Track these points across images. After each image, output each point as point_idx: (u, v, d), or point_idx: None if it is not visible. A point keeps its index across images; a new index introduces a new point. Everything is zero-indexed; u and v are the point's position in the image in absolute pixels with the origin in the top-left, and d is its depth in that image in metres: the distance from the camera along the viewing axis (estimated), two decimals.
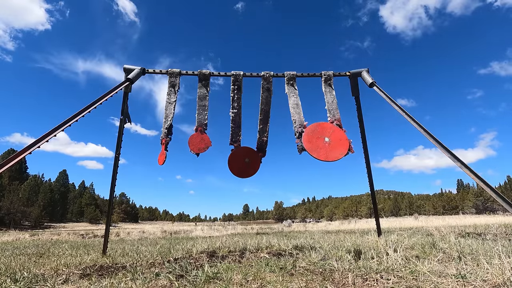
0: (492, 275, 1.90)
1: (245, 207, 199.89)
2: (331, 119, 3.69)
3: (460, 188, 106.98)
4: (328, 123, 3.64)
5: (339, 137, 3.48)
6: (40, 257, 4.57)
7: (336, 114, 3.72)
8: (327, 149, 3.42)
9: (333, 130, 3.53)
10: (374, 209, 4.40)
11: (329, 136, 3.48)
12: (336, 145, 3.44)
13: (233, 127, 3.78)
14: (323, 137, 3.47)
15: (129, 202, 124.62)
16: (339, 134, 3.51)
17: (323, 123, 3.62)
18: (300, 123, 3.65)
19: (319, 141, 3.45)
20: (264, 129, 3.81)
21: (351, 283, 1.98)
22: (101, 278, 2.39)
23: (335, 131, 3.53)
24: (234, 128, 3.78)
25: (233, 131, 3.78)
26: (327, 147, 3.43)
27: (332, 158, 3.38)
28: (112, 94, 3.37)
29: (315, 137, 3.47)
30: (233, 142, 3.76)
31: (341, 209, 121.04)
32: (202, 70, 3.94)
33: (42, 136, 2.66)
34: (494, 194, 2.53)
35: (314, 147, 3.43)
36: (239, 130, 3.79)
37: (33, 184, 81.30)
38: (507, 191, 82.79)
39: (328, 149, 3.42)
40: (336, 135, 3.49)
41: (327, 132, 3.51)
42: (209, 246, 4.82)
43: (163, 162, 3.63)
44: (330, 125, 3.59)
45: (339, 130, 3.56)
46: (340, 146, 3.44)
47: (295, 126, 3.64)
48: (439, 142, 2.96)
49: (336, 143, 3.46)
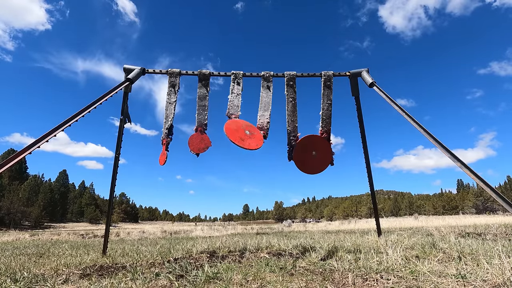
0: (492, 275, 1.90)
1: (245, 207, 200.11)
2: (322, 130, 3.81)
3: (460, 188, 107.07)
4: (318, 136, 3.79)
5: (325, 151, 3.76)
6: (40, 257, 4.57)
7: (327, 125, 3.82)
8: (313, 162, 3.74)
9: (321, 144, 3.76)
10: (374, 209, 4.40)
11: (316, 150, 3.74)
12: (321, 159, 3.78)
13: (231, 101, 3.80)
14: (311, 151, 3.74)
15: (129, 202, 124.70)
16: (326, 147, 3.76)
17: (313, 136, 3.77)
18: (293, 135, 3.74)
19: (307, 155, 3.74)
20: (265, 115, 3.80)
21: (351, 283, 1.98)
22: (101, 278, 2.39)
23: (323, 145, 3.77)
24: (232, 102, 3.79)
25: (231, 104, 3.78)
26: (313, 160, 3.74)
27: (315, 172, 3.75)
28: (112, 94, 3.37)
29: (304, 151, 3.73)
30: (231, 114, 3.74)
31: (341, 209, 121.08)
32: (202, 70, 3.94)
33: (42, 136, 2.66)
34: (494, 194, 2.53)
35: (301, 162, 3.71)
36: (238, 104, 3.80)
37: (33, 184, 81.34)
38: (507, 191, 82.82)
39: (313, 162, 3.74)
40: (323, 149, 3.76)
41: (315, 145, 3.76)
42: (209, 246, 4.82)
43: (164, 162, 3.63)
44: (319, 139, 3.78)
45: (327, 144, 3.77)
46: (324, 160, 3.76)
47: (289, 137, 3.73)
48: (439, 142, 2.96)
49: (321, 157, 3.76)
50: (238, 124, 3.62)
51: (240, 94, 3.86)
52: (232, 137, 3.41)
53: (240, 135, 3.48)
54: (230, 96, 3.83)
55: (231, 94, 3.84)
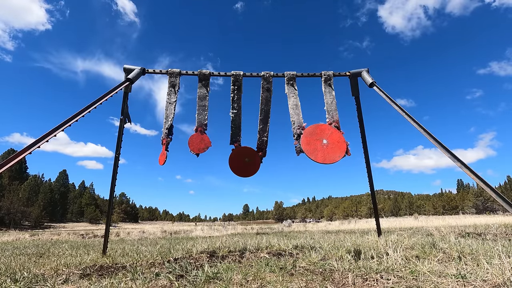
0: (492, 275, 1.90)
1: (245, 207, 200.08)
2: (330, 121, 3.70)
3: (460, 188, 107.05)
4: (326, 124, 3.65)
5: (337, 139, 3.48)
6: (40, 257, 4.57)
7: (335, 116, 3.73)
8: (325, 151, 3.43)
9: (331, 132, 3.53)
10: (374, 209, 4.40)
11: (327, 138, 3.49)
12: (334, 148, 3.44)
13: (233, 127, 3.78)
14: (321, 139, 3.48)
15: (129, 202, 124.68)
16: (337, 136, 3.51)
17: (322, 125, 3.62)
18: (299, 125, 3.66)
19: (317, 143, 3.46)
20: (264, 129, 3.81)
21: (351, 283, 1.98)
22: (101, 278, 2.39)
23: (333, 133, 3.53)
24: (234, 128, 3.78)
25: (233, 131, 3.78)
26: (324, 149, 3.43)
27: (329, 160, 3.37)
28: (112, 94, 3.37)
29: (313, 139, 3.49)
30: (234, 142, 3.77)
31: (341, 209, 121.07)
32: (202, 70, 3.94)
33: (42, 136, 2.66)
34: (494, 194, 2.53)
35: (311, 149, 3.44)
36: (239, 130, 3.80)
37: (33, 184, 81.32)
38: (507, 191, 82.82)
39: (325, 151, 3.43)
40: (334, 137, 3.49)
41: (325, 134, 3.52)
42: (209, 246, 4.82)
43: (164, 162, 3.63)
44: (328, 127, 3.60)
45: (337, 132, 3.55)
46: (337, 149, 3.43)
47: (294, 128, 3.67)
48: (439, 142, 2.96)
49: (334, 145, 3.45)
50: (239, 154, 3.76)
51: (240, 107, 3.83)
52: (234, 169, 3.77)
53: (240, 165, 3.76)
54: (232, 113, 3.80)
55: (232, 110, 3.81)
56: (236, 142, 3.77)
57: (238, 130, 3.79)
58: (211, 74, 3.95)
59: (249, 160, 3.74)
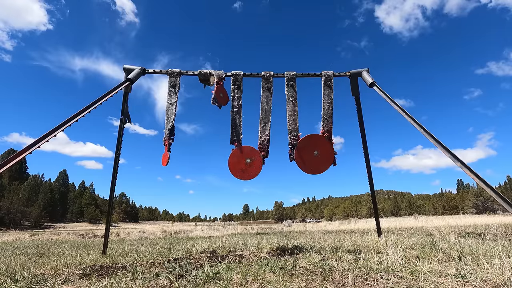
0: (492, 275, 1.90)
1: (245, 207, 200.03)
2: (323, 130, 3.79)
3: (460, 188, 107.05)
4: (319, 135, 3.77)
5: (326, 151, 3.72)
6: (40, 257, 4.57)
7: (329, 124, 3.80)
8: (314, 163, 3.70)
9: (323, 143, 3.74)
10: (374, 209, 4.40)
11: (318, 150, 3.71)
12: (323, 159, 3.71)
13: (234, 126, 3.76)
14: (313, 151, 3.70)
15: (129, 202, 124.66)
16: (327, 147, 3.73)
17: (315, 136, 3.76)
18: (294, 134, 3.74)
19: (309, 155, 3.70)
20: (266, 128, 3.80)
21: (351, 283, 1.98)
22: (101, 278, 2.39)
23: (325, 144, 3.73)
24: (234, 127, 3.76)
25: (233, 129, 3.76)
26: (315, 160, 3.70)
27: (317, 171, 3.71)
28: (112, 94, 3.38)
29: (306, 152, 3.70)
30: (234, 141, 3.73)
31: (341, 209, 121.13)
32: (202, 70, 3.94)
33: (42, 136, 2.66)
34: (494, 194, 2.54)
35: (302, 161, 3.69)
36: (239, 129, 3.77)
37: (33, 184, 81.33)
38: (507, 191, 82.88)
39: (315, 162, 3.70)
40: (324, 149, 3.72)
41: (317, 145, 3.72)
42: (209, 246, 4.82)
43: (167, 163, 3.65)
44: (321, 138, 3.76)
45: (328, 143, 3.74)
46: (326, 160, 3.71)
47: (290, 137, 3.73)
48: (439, 142, 2.96)
49: (323, 156, 3.72)
50: (239, 154, 3.72)
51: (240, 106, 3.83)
52: (233, 171, 3.71)
53: (241, 166, 3.71)
54: (232, 114, 3.79)
55: (233, 110, 3.80)
56: (236, 141, 3.74)
57: (239, 129, 3.78)
58: (211, 74, 3.95)
59: (251, 160, 3.68)
